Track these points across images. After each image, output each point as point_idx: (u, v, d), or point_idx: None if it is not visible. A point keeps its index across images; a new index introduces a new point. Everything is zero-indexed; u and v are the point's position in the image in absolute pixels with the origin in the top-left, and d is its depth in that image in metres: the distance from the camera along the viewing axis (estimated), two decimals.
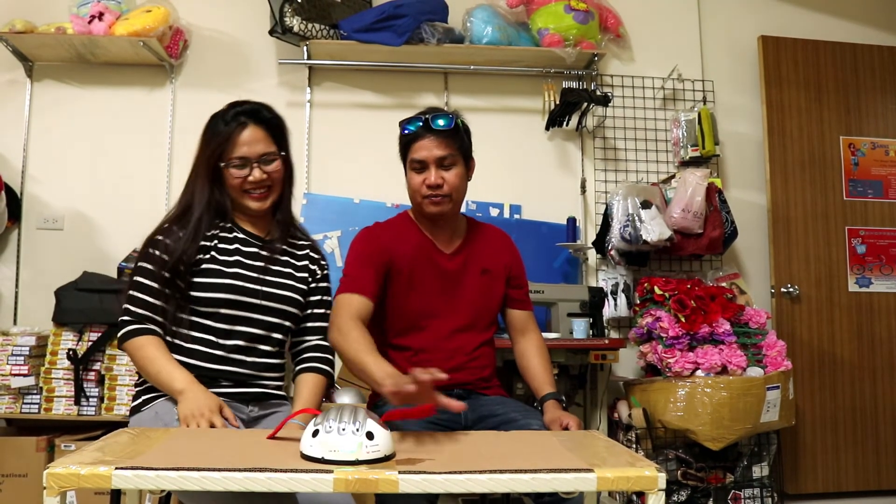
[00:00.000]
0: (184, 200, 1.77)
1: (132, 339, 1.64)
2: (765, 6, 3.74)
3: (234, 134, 1.72)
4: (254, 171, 1.73)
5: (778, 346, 2.92)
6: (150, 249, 1.70)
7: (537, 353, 1.98)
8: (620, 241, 3.13)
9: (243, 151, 1.72)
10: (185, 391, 1.56)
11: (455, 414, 1.85)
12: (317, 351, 1.84)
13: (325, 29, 3.22)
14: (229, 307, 1.70)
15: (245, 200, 1.76)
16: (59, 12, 3.19)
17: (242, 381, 1.71)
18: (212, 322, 1.69)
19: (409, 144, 1.89)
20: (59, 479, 1.02)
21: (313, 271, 1.87)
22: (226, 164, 1.73)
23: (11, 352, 2.77)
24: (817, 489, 3.35)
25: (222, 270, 1.70)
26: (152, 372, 1.62)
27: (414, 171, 1.89)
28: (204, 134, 1.77)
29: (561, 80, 3.38)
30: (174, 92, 3.36)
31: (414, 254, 1.93)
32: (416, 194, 1.91)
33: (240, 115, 1.74)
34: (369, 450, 1.14)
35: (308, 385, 1.77)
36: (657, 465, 1.12)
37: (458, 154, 1.89)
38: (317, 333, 1.85)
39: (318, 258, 1.90)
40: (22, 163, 3.28)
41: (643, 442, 2.84)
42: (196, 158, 1.78)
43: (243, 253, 1.76)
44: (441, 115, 1.87)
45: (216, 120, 1.76)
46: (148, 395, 1.69)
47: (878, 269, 3.53)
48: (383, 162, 3.32)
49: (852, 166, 3.57)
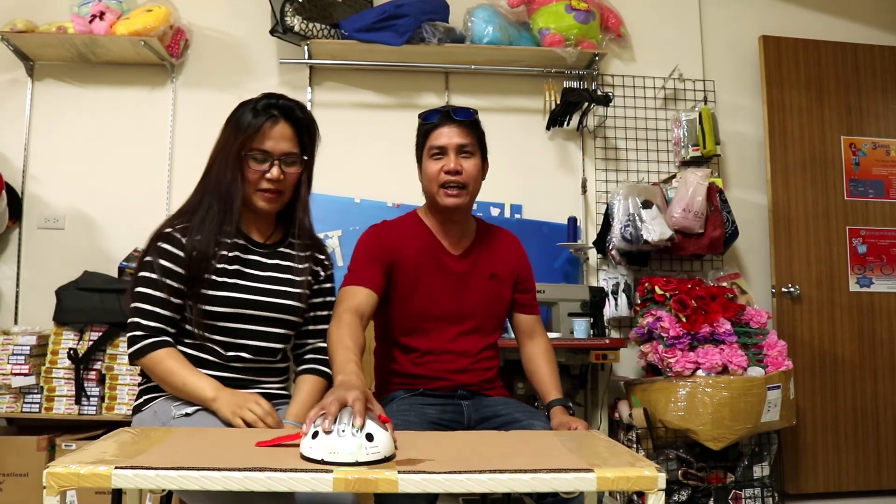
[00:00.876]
0: (199, 189, 1.71)
1: (149, 354, 1.60)
2: (766, 6, 3.74)
3: (264, 125, 1.66)
4: (273, 169, 1.67)
5: (779, 346, 2.92)
6: (162, 245, 1.64)
7: (545, 358, 1.97)
8: (621, 240, 3.13)
9: (268, 146, 1.66)
10: (217, 398, 1.55)
11: (459, 414, 1.86)
12: (318, 353, 1.81)
13: (326, 28, 3.22)
14: (230, 320, 1.66)
15: (256, 198, 1.70)
16: (60, 12, 3.19)
17: (244, 385, 1.70)
18: (214, 335, 1.66)
19: (429, 133, 1.89)
20: (59, 479, 1.02)
21: (316, 273, 1.82)
22: (247, 154, 1.66)
23: (12, 351, 2.78)
24: (818, 489, 3.34)
25: (226, 283, 1.65)
26: (177, 384, 1.59)
27: (432, 158, 1.88)
28: (230, 121, 1.71)
29: (562, 80, 3.38)
30: (175, 91, 3.36)
31: (420, 255, 1.91)
32: (432, 183, 1.89)
33: (272, 107, 1.68)
34: (369, 451, 1.13)
35: (307, 386, 1.75)
36: (658, 464, 1.11)
37: (476, 146, 1.90)
38: (319, 336, 1.82)
39: (322, 259, 1.85)
40: (23, 162, 3.28)
41: (644, 442, 2.84)
42: (217, 144, 1.72)
43: (243, 261, 1.70)
44: (462, 108, 1.90)
45: (245, 108, 1.70)
46: (149, 394, 1.68)
47: (879, 269, 3.53)
48: (384, 162, 3.34)
49: (853, 166, 3.57)
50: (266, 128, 1.66)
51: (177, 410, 1.59)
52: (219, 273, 1.65)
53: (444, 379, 1.90)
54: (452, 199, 1.87)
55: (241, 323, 1.67)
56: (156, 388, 1.67)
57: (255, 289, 1.69)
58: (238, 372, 1.69)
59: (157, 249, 1.65)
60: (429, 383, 1.89)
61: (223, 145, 1.70)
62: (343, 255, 3.23)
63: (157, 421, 1.60)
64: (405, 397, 1.87)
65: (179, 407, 1.60)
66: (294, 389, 1.78)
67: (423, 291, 1.91)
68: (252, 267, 1.71)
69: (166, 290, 1.62)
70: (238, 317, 1.66)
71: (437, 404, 1.85)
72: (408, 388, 1.89)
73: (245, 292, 1.67)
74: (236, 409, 1.52)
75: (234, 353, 1.68)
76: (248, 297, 1.67)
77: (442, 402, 1.86)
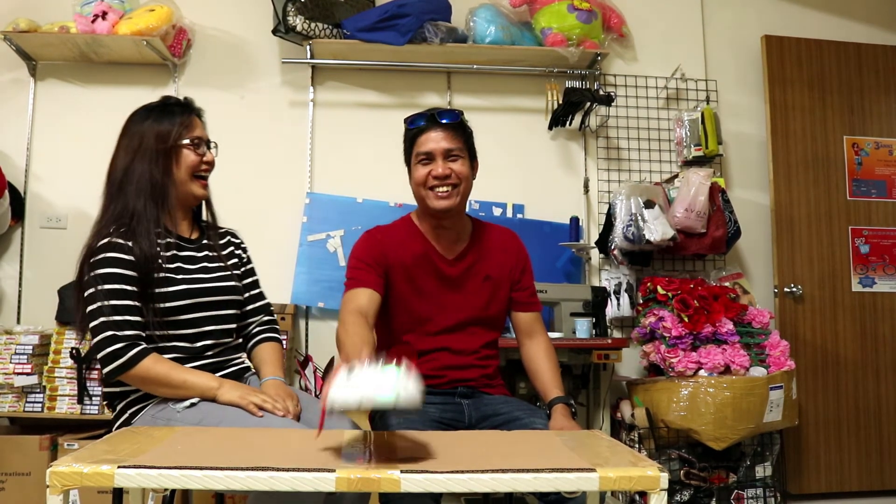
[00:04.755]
0: (119, 195, 1.72)
1: (138, 364, 1.59)
2: (768, 5, 3.73)
3: (192, 117, 1.80)
4: (210, 150, 1.82)
5: (781, 346, 2.91)
6: (110, 255, 1.64)
7: (545, 357, 1.96)
8: (623, 240, 3.13)
9: (199, 133, 1.80)
10: (221, 385, 1.64)
11: (460, 413, 1.86)
12: (266, 324, 1.94)
13: (329, 28, 3.23)
14: (190, 312, 1.71)
15: (193, 187, 1.79)
16: (62, 11, 3.19)
17: (219, 368, 1.77)
18: (177, 329, 1.70)
19: (416, 138, 1.89)
20: (62, 478, 1.03)
21: (239, 256, 1.94)
22: (186, 143, 1.75)
23: (15, 350, 2.78)
24: (820, 489, 3.34)
25: (175, 278, 1.70)
26: (177, 383, 1.61)
27: (420, 163, 1.88)
28: (133, 125, 1.78)
29: (564, 80, 3.37)
30: (177, 91, 3.36)
31: (414, 261, 1.92)
32: (420, 187, 1.89)
33: (181, 104, 1.82)
34: (405, 393, 1.11)
35: (267, 350, 1.88)
36: (660, 464, 1.12)
37: (464, 149, 1.89)
38: (259, 313, 1.94)
39: (239, 242, 1.97)
40: (25, 162, 3.28)
41: (646, 442, 2.84)
42: (127, 149, 1.76)
43: (182, 258, 1.75)
44: (447, 110, 1.89)
45: (154, 109, 1.79)
46: (135, 406, 1.67)
47: (882, 269, 3.53)
48: (386, 161, 3.32)
49: (856, 166, 3.57)
50: (193, 120, 1.80)
51: (178, 405, 1.61)
52: (166, 271, 1.69)
53: (443, 377, 1.90)
54: (443, 202, 1.87)
55: (198, 312, 1.73)
56: (140, 399, 1.67)
57: (201, 279, 1.75)
58: (209, 358, 1.75)
59: (106, 260, 1.64)
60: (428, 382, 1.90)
61: (138, 146, 1.75)
62: (345, 255, 3.23)
63: (157, 423, 1.60)
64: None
65: (177, 402, 1.62)
66: (256, 359, 1.89)
67: (418, 296, 1.92)
68: (188, 262, 1.77)
69: (130, 297, 1.63)
70: (195, 306, 1.72)
71: (438, 403, 1.85)
72: None
73: (195, 283, 1.73)
74: (244, 394, 1.60)
75: (201, 342, 1.74)
76: (199, 286, 1.73)
77: (442, 400, 1.87)
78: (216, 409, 1.59)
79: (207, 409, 1.60)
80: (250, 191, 3.28)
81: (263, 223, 3.23)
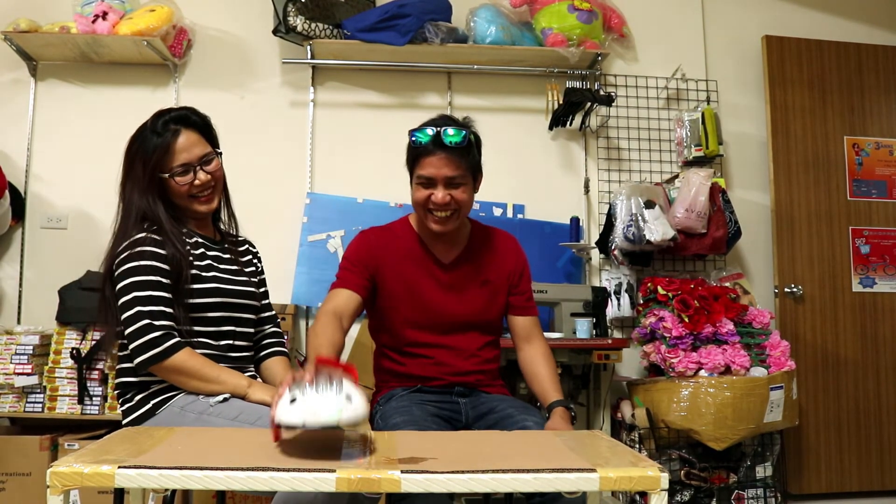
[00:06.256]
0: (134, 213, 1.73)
1: (174, 354, 1.59)
2: (769, 6, 3.73)
3: (171, 143, 1.71)
4: (198, 175, 1.74)
5: (781, 346, 2.91)
6: (144, 248, 1.65)
7: (543, 362, 1.94)
8: (624, 240, 3.13)
9: (184, 158, 1.72)
10: (251, 384, 1.65)
11: (457, 413, 1.87)
12: (274, 336, 1.96)
13: (329, 28, 3.23)
14: (216, 310, 1.72)
15: (193, 206, 1.77)
16: (62, 11, 3.19)
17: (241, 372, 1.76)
18: (202, 327, 1.71)
19: (418, 158, 1.82)
20: (62, 478, 1.03)
21: (255, 265, 1.96)
22: (170, 173, 1.72)
23: (15, 351, 2.78)
24: (821, 489, 3.34)
25: (203, 276, 1.71)
26: (211, 377, 1.62)
27: (420, 185, 1.83)
28: (131, 149, 1.76)
29: (564, 80, 3.37)
30: (178, 91, 3.36)
31: (408, 264, 1.92)
32: (419, 208, 1.87)
33: (169, 122, 1.73)
34: (349, 412, 1.14)
35: (281, 367, 1.90)
36: (660, 465, 1.11)
37: (468, 173, 1.83)
38: (270, 322, 1.97)
39: (255, 251, 1.99)
40: (26, 162, 3.28)
41: (646, 442, 2.84)
42: (126, 175, 1.76)
43: (211, 256, 1.78)
44: (453, 129, 1.78)
45: (144, 133, 1.75)
46: (160, 396, 1.66)
47: (882, 269, 3.53)
48: (386, 162, 3.34)
49: (856, 166, 3.57)
50: (173, 143, 1.72)
51: (211, 398, 1.61)
52: (197, 268, 1.71)
53: (440, 378, 1.91)
54: (441, 226, 1.86)
55: (223, 311, 1.74)
56: (165, 391, 1.66)
57: (228, 279, 1.77)
58: (233, 361, 1.75)
59: (142, 253, 1.64)
60: (426, 382, 1.91)
61: (127, 175, 1.76)
62: None
63: (187, 415, 1.60)
64: (404, 394, 1.89)
65: (208, 396, 1.62)
66: (267, 374, 1.89)
67: (413, 299, 1.91)
68: (217, 261, 1.79)
69: (165, 289, 1.64)
70: (220, 306, 1.73)
71: (435, 401, 1.86)
72: (406, 387, 1.91)
73: (224, 283, 1.75)
74: (275, 394, 1.57)
75: (226, 341, 1.75)
76: (227, 286, 1.75)
77: (439, 398, 1.88)
78: (251, 406, 1.59)
79: (242, 405, 1.60)
80: (250, 191, 3.26)
81: (264, 223, 3.20)
